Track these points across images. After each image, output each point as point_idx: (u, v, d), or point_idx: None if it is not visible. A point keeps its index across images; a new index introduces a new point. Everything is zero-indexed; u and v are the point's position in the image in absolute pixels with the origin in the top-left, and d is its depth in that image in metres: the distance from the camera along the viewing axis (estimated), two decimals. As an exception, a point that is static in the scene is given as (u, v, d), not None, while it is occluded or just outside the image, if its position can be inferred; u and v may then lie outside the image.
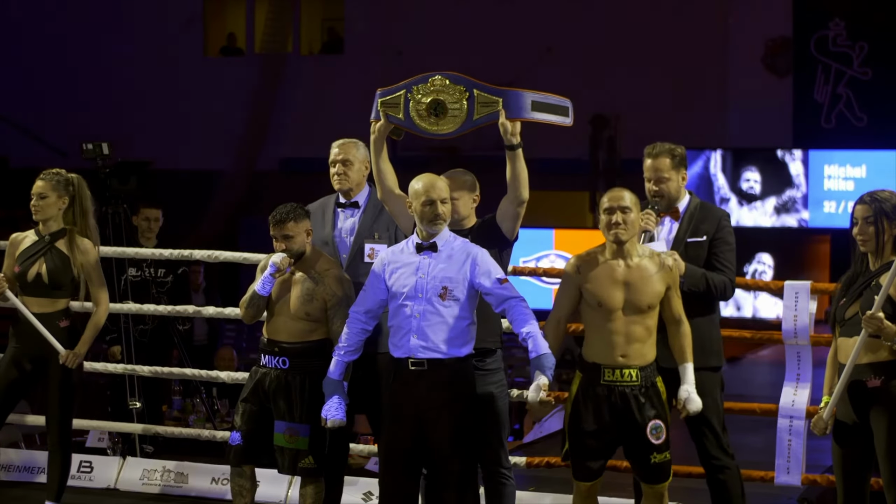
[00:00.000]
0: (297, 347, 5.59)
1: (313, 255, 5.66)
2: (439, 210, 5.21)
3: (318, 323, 5.60)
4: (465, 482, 5.20)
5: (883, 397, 4.87)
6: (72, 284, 6.08)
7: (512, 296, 5.16)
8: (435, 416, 5.16)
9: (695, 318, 5.38)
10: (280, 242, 5.59)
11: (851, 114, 18.81)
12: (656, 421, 5.06)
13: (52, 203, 6.04)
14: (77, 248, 6.04)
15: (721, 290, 5.43)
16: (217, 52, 21.80)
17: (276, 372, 5.61)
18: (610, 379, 5.06)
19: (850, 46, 18.76)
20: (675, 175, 5.52)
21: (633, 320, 5.07)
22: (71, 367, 5.98)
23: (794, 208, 18.26)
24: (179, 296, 8.35)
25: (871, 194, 4.98)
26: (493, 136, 5.43)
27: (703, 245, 5.46)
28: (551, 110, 5.42)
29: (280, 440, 5.57)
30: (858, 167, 17.95)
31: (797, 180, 18.20)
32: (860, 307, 4.91)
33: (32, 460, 7.35)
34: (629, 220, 5.06)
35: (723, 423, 5.49)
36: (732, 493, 5.46)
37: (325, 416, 5.38)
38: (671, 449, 5.14)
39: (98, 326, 6.11)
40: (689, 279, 5.36)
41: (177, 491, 7.08)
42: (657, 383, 5.11)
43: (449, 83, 5.44)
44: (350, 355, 5.39)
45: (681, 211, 5.54)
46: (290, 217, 5.57)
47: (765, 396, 5.65)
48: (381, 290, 5.31)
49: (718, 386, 5.51)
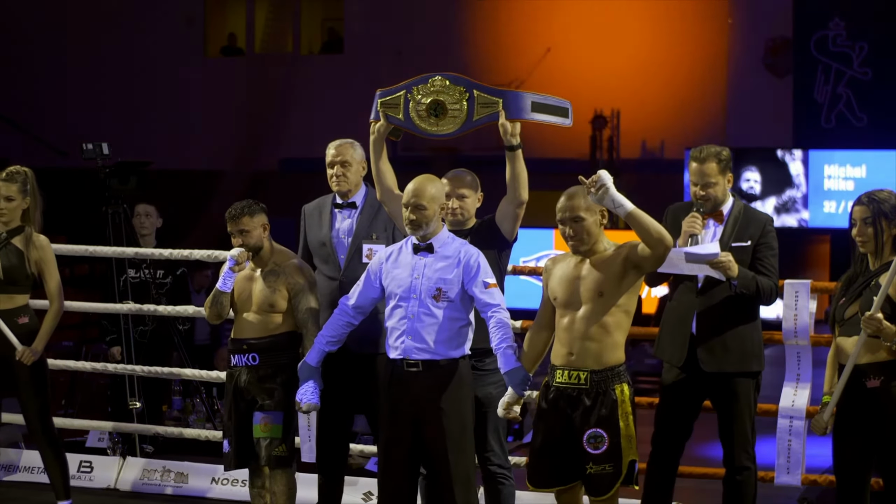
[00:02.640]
0: (265, 342, 5.66)
1: (270, 249, 5.75)
2: (411, 216, 5.19)
3: (283, 315, 5.67)
4: (464, 482, 5.20)
5: (882, 397, 4.87)
6: (28, 281, 6.09)
7: (492, 303, 5.14)
8: (431, 417, 5.16)
9: (739, 325, 5.39)
10: (237, 238, 5.67)
11: (851, 114, 18.81)
12: (597, 429, 4.80)
13: (17, 205, 6.10)
14: (32, 244, 6.07)
15: (768, 295, 5.40)
16: (217, 52, 21.80)
17: (247, 370, 5.67)
18: (560, 381, 4.90)
19: (850, 46, 18.76)
20: (722, 179, 5.46)
21: (586, 317, 4.86)
22: (27, 363, 5.98)
23: (794, 208, 18.27)
24: (179, 297, 8.35)
25: (869, 195, 4.97)
26: (493, 136, 5.43)
27: (748, 250, 5.41)
28: (551, 111, 5.42)
29: (257, 431, 5.65)
30: (858, 167, 17.95)
31: (797, 180, 18.21)
32: (859, 307, 4.91)
33: (33, 460, 7.35)
34: (582, 230, 4.89)
35: (753, 427, 5.48)
36: (746, 495, 5.46)
37: (300, 399, 5.42)
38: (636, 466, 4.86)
39: (54, 323, 6.10)
40: (741, 280, 5.31)
41: (177, 491, 7.09)
42: (616, 392, 4.84)
43: (449, 84, 5.44)
44: (331, 345, 5.42)
45: (725, 214, 5.47)
46: (244, 212, 5.67)
47: (765, 396, 5.63)
48: (375, 288, 5.33)
49: (755, 390, 5.50)
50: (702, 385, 5.45)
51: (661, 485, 5.55)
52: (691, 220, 5.39)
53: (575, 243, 4.91)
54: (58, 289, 6.12)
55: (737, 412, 5.41)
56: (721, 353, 5.39)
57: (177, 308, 7.30)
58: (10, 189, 6.08)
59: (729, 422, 5.43)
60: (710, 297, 5.41)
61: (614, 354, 4.87)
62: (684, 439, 5.54)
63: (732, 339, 5.41)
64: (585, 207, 4.88)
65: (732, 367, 5.40)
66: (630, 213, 4.77)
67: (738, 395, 5.41)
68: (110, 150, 8.02)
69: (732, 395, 5.42)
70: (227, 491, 6.96)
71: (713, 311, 5.41)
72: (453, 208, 5.49)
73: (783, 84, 19.08)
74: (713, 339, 5.40)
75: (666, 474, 5.54)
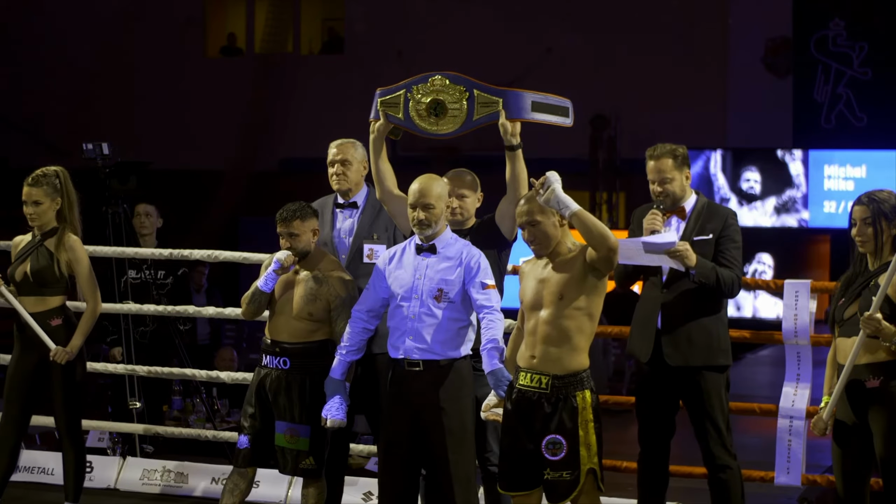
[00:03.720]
0: (299, 348, 5.59)
1: (317, 255, 5.66)
2: (420, 216, 5.20)
3: (320, 323, 5.59)
4: (464, 482, 5.19)
5: (882, 397, 4.87)
6: (60, 282, 6.06)
7: (487, 305, 5.14)
8: (432, 417, 5.17)
9: (703, 318, 5.41)
10: (285, 240, 5.59)
11: (851, 114, 18.82)
12: (556, 436, 4.76)
13: (46, 208, 6.05)
14: (63, 246, 6.03)
15: (729, 286, 5.41)
16: (217, 52, 21.80)
17: (277, 372, 5.60)
18: (522, 383, 4.87)
19: (850, 46, 18.77)
20: (679, 175, 5.52)
21: (547, 320, 4.84)
22: (61, 362, 5.96)
23: (794, 208, 18.27)
24: (179, 297, 8.34)
25: (868, 195, 4.98)
26: (493, 136, 5.43)
27: (710, 243, 5.44)
28: (551, 111, 5.42)
29: (281, 440, 5.57)
30: (858, 167, 17.95)
31: (797, 180, 18.21)
32: (859, 307, 4.91)
33: (33, 460, 7.35)
34: (540, 233, 4.87)
35: (727, 423, 5.49)
36: (733, 493, 5.47)
37: (326, 415, 5.38)
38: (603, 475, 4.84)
39: (90, 323, 6.08)
40: (699, 270, 5.34)
41: (177, 491, 7.09)
42: (577, 399, 4.78)
43: (449, 83, 5.44)
44: (352, 355, 5.40)
45: (687, 210, 5.52)
46: (296, 215, 5.57)
47: (765, 396, 5.65)
48: (384, 288, 5.32)
49: (724, 385, 5.50)
50: (672, 381, 5.46)
51: (653, 483, 5.56)
52: (651, 216, 5.44)
53: (535, 247, 4.93)
54: (91, 289, 6.06)
55: (708, 408, 5.41)
56: (686, 346, 5.41)
57: (177, 308, 7.30)
58: (38, 193, 6.03)
59: (701, 419, 5.43)
60: (674, 290, 5.44)
61: (576, 360, 4.83)
62: (668, 436, 5.55)
63: (697, 332, 5.42)
64: (540, 210, 4.87)
65: (698, 361, 5.41)
66: (574, 214, 4.78)
67: (708, 391, 5.40)
68: (110, 150, 8.01)
69: (701, 390, 5.42)
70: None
71: (677, 305, 5.43)
72: (453, 208, 5.49)
73: (783, 84, 19.08)
74: (678, 333, 5.41)
75: (656, 472, 5.55)
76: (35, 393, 6.12)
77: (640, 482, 5.59)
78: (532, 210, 4.88)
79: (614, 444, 6.55)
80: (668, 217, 5.52)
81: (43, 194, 6.04)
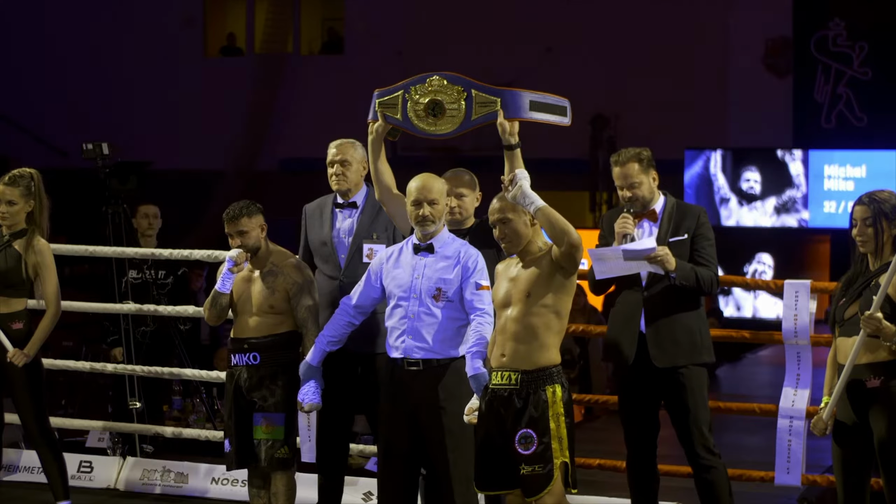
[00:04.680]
0: (266, 341, 5.66)
1: (268, 249, 5.75)
2: (426, 211, 5.22)
3: (283, 315, 5.68)
4: (464, 482, 5.19)
5: (882, 397, 4.86)
6: (25, 285, 6.05)
7: (479, 307, 5.16)
8: (431, 416, 5.17)
9: (682, 315, 5.43)
10: (235, 239, 5.67)
11: (851, 114, 18.80)
12: (527, 430, 4.77)
13: (20, 209, 6.04)
14: (32, 248, 6.01)
15: (708, 285, 5.45)
16: (217, 52, 21.79)
17: (249, 369, 5.68)
18: (494, 382, 4.88)
19: (850, 46, 18.75)
20: (646, 178, 5.53)
21: (515, 318, 4.84)
22: (18, 364, 5.94)
23: (794, 208, 18.25)
24: (180, 297, 8.34)
25: (869, 195, 4.98)
26: (492, 136, 5.43)
27: (686, 243, 5.47)
28: (550, 110, 5.42)
29: (258, 433, 5.64)
30: (858, 167, 17.93)
31: (797, 180, 18.19)
32: (859, 307, 4.90)
33: (33, 460, 7.34)
34: (511, 231, 4.90)
35: (709, 422, 5.50)
36: (720, 492, 5.47)
37: (302, 399, 5.44)
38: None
39: (49, 327, 6.05)
40: (679, 273, 5.37)
41: (177, 491, 7.09)
42: (547, 393, 4.80)
43: (447, 83, 5.44)
44: (332, 345, 5.43)
45: (658, 212, 5.54)
46: (243, 213, 5.67)
47: (765, 396, 5.64)
48: (375, 288, 5.35)
49: (706, 382, 5.52)
50: (654, 381, 5.47)
51: (644, 483, 5.57)
52: (622, 220, 5.45)
53: (506, 245, 4.95)
54: (54, 294, 6.04)
55: (690, 405, 5.41)
56: (671, 347, 5.42)
57: (176, 308, 7.30)
58: (13, 193, 6.02)
59: (683, 416, 5.43)
60: (654, 292, 5.44)
61: (545, 355, 4.85)
62: (654, 434, 5.56)
63: (681, 332, 5.44)
64: (512, 209, 4.90)
65: (684, 360, 5.43)
66: (539, 210, 4.81)
67: (691, 389, 5.41)
68: (110, 150, 8.02)
69: (682, 387, 5.42)
70: (227, 491, 6.96)
71: (659, 307, 5.44)
72: (452, 207, 5.50)
73: (783, 84, 19.07)
74: (663, 335, 5.43)
75: (647, 472, 5.56)
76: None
77: (631, 484, 5.61)
78: (504, 208, 4.92)
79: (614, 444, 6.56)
80: (638, 221, 5.53)
81: (18, 195, 6.04)
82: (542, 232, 4.96)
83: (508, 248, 4.95)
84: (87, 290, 11.43)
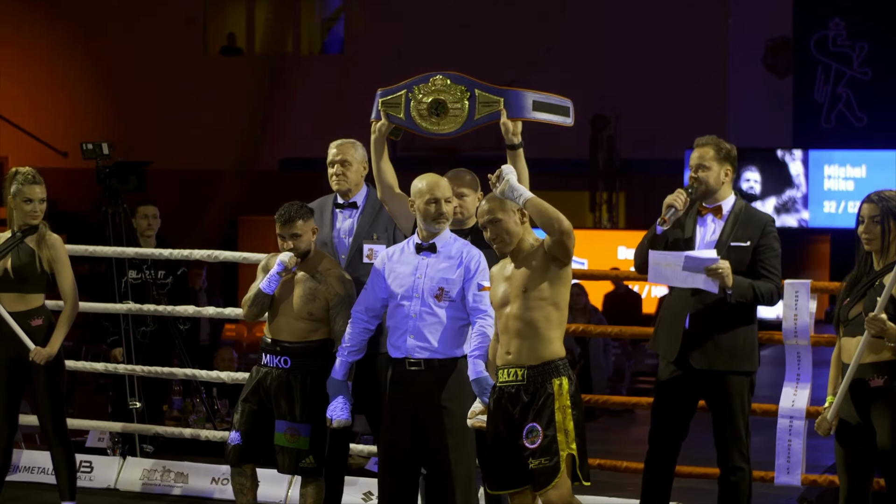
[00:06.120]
0: (299, 347, 5.59)
1: (316, 255, 5.66)
2: (443, 209, 5.23)
3: (320, 323, 5.60)
4: (464, 482, 5.19)
5: (885, 397, 4.86)
6: (41, 280, 6.05)
7: (481, 309, 5.16)
8: (433, 416, 5.17)
9: (729, 319, 5.38)
10: (288, 241, 5.57)
11: (851, 114, 18.82)
12: (533, 423, 4.77)
13: (44, 206, 6.08)
14: (45, 243, 6.03)
15: (768, 298, 5.40)
16: (217, 52, 21.79)
17: (277, 371, 5.60)
18: (501, 380, 4.89)
19: (850, 46, 18.76)
20: (717, 167, 5.47)
21: (515, 315, 4.84)
22: (40, 363, 5.95)
23: (794, 208, 18.26)
24: (180, 297, 8.34)
25: (878, 193, 4.98)
26: (493, 136, 5.43)
27: (747, 251, 5.39)
28: (552, 110, 5.43)
29: (281, 440, 5.57)
30: (858, 167, 17.95)
31: (797, 180, 18.20)
32: (864, 307, 4.91)
33: (33, 460, 7.35)
34: (502, 230, 4.90)
35: (748, 428, 5.47)
36: (741, 496, 5.45)
37: (331, 416, 5.39)
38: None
39: (69, 322, 6.06)
40: (736, 290, 5.30)
41: (177, 491, 7.09)
42: (553, 386, 4.80)
43: (450, 83, 5.45)
44: (353, 355, 5.40)
45: (725, 211, 5.48)
46: (298, 216, 5.56)
47: (765, 396, 5.63)
48: (383, 288, 5.33)
49: (748, 390, 5.48)
50: (695, 383, 5.44)
51: (658, 484, 5.54)
52: (676, 194, 5.39)
53: (498, 245, 4.94)
54: (72, 288, 6.06)
55: (729, 412, 5.41)
56: (712, 350, 5.39)
57: (176, 308, 7.30)
58: (44, 191, 6.07)
59: (722, 422, 5.43)
60: (705, 295, 5.38)
61: (549, 349, 4.85)
62: (680, 438, 5.53)
63: (725, 337, 5.39)
64: (501, 208, 4.91)
65: (722, 366, 5.39)
66: (528, 201, 4.82)
67: (731, 395, 5.40)
68: (110, 150, 8.02)
69: (724, 394, 5.41)
70: (228, 491, 6.93)
71: (707, 310, 5.39)
72: (454, 207, 5.50)
73: (783, 84, 19.08)
74: (704, 337, 5.39)
75: (663, 473, 5.54)
76: (17, 390, 6.10)
77: (645, 482, 5.57)
78: (493, 208, 4.92)
79: (615, 444, 6.58)
80: (704, 214, 5.48)
81: (44, 192, 6.08)
82: (531, 229, 4.96)
83: (500, 248, 4.94)
84: (87, 290, 11.43)
